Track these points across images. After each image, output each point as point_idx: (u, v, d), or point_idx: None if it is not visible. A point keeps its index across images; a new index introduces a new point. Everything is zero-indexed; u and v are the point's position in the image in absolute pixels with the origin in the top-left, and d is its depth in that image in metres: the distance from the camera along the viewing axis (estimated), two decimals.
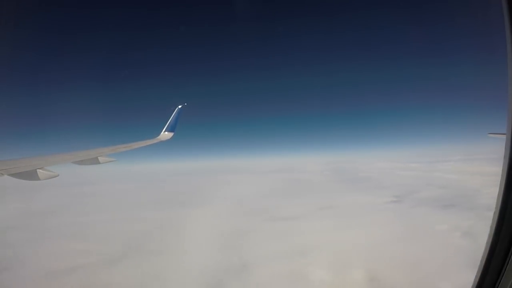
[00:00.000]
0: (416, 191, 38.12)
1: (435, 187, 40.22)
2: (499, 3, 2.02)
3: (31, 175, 5.67)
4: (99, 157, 7.63)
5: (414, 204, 32.96)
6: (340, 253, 20.57)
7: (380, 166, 68.34)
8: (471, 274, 2.46)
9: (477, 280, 2.41)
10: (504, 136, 2.23)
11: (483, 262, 2.34)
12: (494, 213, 2.26)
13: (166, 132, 12.65)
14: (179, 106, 13.60)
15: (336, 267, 18.79)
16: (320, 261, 19.79)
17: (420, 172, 55.48)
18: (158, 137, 12.34)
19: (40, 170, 5.76)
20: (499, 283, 2.26)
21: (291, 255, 20.83)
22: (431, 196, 35.49)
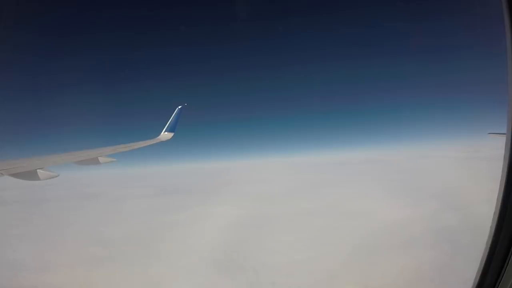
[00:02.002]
0: None
1: None
2: (499, 3, 2.03)
3: (31, 175, 5.68)
4: (99, 157, 7.66)
5: None
6: None
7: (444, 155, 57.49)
8: None
9: (477, 280, 2.41)
10: (504, 136, 2.23)
11: (483, 262, 2.33)
12: (494, 213, 2.26)
13: (166, 133, 12.65)
14: (179, 107, 13.61)
15: None
16: None
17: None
18: (158, 137, 12.33)
19: (40, 170, 5.78)
20: (499, 283, 2.25)
21: None
22: None
